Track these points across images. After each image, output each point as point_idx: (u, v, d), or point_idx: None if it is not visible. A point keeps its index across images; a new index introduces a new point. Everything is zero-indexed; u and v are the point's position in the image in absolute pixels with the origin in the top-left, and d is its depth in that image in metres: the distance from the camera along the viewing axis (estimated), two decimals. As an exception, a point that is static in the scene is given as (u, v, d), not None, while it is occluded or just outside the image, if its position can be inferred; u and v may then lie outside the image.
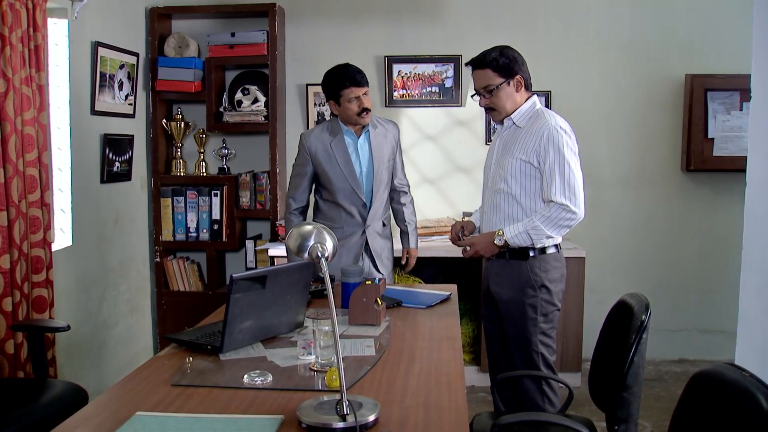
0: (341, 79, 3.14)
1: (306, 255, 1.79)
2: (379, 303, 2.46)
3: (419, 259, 3.64)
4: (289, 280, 2.26)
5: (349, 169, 3.22)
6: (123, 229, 4.14)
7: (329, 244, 1.82)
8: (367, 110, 3.17)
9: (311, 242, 1.80)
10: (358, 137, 3.26)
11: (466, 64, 2.82)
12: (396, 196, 3.47)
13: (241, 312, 2.10)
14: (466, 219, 3.01)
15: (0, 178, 2.90)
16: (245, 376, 1.89)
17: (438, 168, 4.56)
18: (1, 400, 2.41)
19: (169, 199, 4.44)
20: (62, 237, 3.57)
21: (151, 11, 4.35)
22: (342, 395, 1.53)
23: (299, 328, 2.38)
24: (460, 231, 2.92)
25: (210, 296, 4.48)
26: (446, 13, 4.48)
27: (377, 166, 3.26)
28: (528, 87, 2.78)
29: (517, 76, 2.74)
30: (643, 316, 2.14)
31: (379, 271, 3.32)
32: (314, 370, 1.97)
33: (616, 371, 2.13)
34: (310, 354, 2.06)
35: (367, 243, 3.30)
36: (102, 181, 3.88)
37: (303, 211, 3.36)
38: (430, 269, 4.29)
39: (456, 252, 4.12)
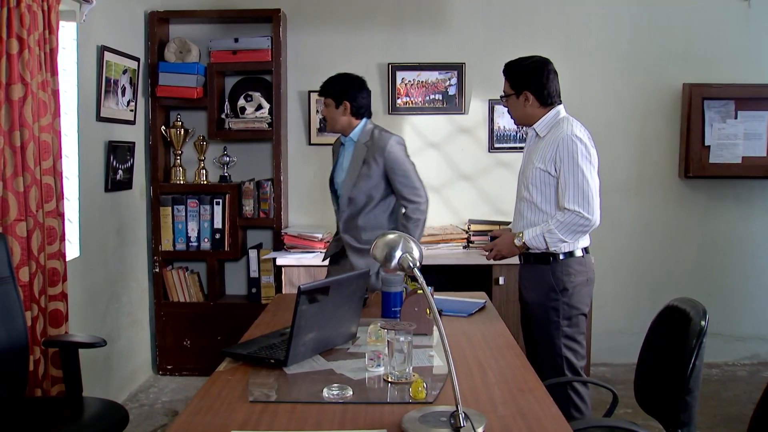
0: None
1: (395, 264, 1.76)
2: (428, 312, 2.44)
3: (424, 266, 3.56)
4: (348, 291, 2.22)
5: (332, 170, 3.40)
6: (124, 239, 4.01)
7: (416, 253, 1.79)
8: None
9: (399, 252, 1.78)
10: (346, 146, 3.36)
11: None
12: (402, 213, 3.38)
13: (306, 324, 2.05)
14: (505, 227, 3.02)
15: (19, 187, 2.78)
16: (324, 391, 1.84)
17: (441, 175, 4.56)
18: (43, 420, 2.30)
19: (169, 208, 4.31)
20: (70, 248, 3.42)
21: (151, 15, 4.23)
22: (457, 407, 1.51)
23: (353, 339, 2.34)
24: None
25: (211, 307, 4.37)
26: (449, 20, 4.49)
27: (344, 177, 3.28)
28: (544, 102, 2.79)
29: (525, 92, 2.77)
30: (702, 322, 2.20)
31: None
32: (390, 382, 1.93)
33: (676, 376, 2.16)
34: (379, 366, 2.03)
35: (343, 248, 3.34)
36: (106, 190, 3.75)
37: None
38: (434, 278, 4.26)
39: (461, 260, 4.15)
